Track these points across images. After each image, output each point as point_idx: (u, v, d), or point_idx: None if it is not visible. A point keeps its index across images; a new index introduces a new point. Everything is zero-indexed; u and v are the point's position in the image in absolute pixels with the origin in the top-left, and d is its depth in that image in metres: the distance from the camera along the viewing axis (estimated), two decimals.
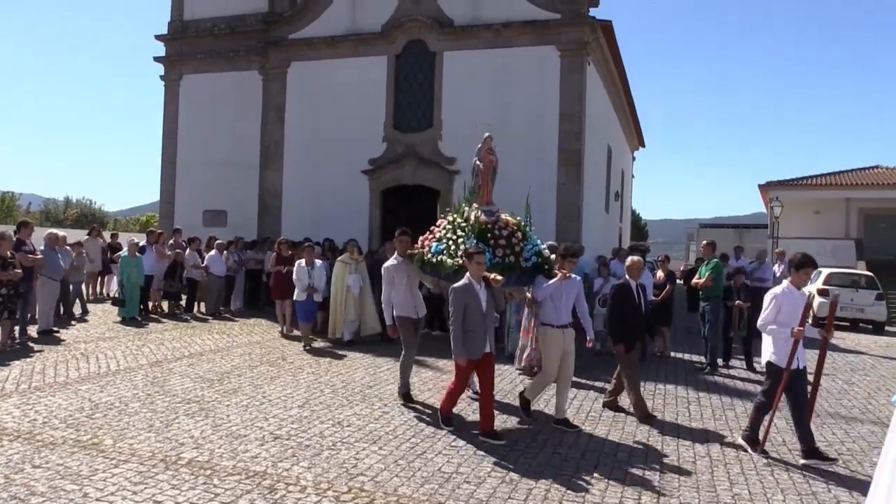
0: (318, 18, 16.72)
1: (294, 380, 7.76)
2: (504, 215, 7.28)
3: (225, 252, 13.63)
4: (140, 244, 13.10)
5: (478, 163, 7.50)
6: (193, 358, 8.85)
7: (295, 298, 10.30)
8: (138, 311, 12.37)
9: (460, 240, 6.82)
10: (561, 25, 14.77)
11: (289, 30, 17.00)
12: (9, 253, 8.84)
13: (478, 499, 4.42)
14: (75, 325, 11.29)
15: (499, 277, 6.05)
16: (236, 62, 17.88)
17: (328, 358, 9.29)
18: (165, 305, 13.35)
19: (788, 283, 5.53)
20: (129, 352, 9.05)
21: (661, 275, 10.86)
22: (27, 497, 4.14)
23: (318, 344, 10.34)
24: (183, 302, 13.51)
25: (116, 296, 13.18)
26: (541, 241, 7.47)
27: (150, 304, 13.17)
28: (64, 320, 11.44)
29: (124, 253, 12.76)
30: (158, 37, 18.90)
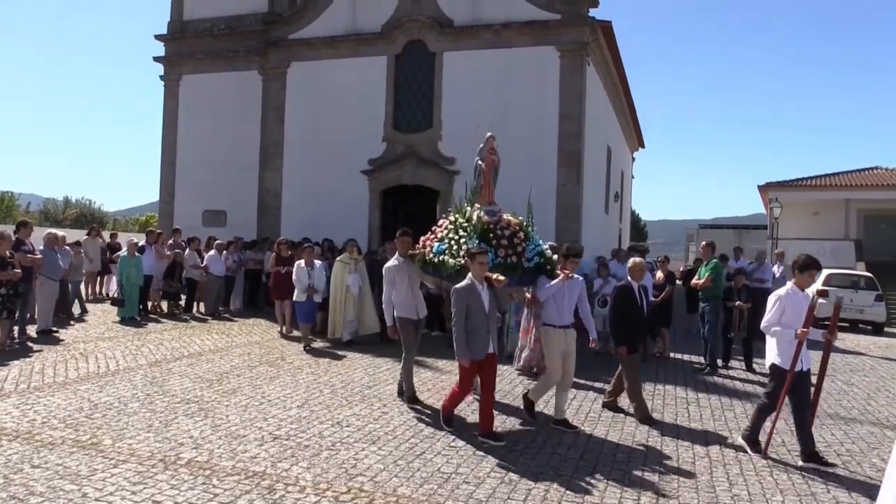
0: (318, 18, 16.73)
1: (293, 380, 7.76)
2: (506, 215, 7.27)
3: (224, 252, 13.63)
4: (139, 244, 13.09)
5: (480, 162, 7.49)
6: (193, 358, 8.84)
7: (295, 299, 10.30)
8: (137, 311, 12.38)
9: (462, 240, 6.79)
10: (561, 26, 14.78)
11: (288, 30, 17.00)
12: (8, 253, 8.84)
13: (477, 499, 4.42)
14: (74, 325, 11.29)
15: (501, 277, 6.03)
16: (236, 62, 17.88)
17: (327, 358, 9.29)
18: (165, 305, 13.35)
19: (792, 285, 5.50)
20: (129, 352, 9.05)
21: (660, 275, 10.86)
22: (26, 497, 4.14)
23: (318, 344, 10.34)
24: (182, 302, 13.51)
25: (116, 296, 13.19)
26: (542, 241, 7.45)
27: (150, 304, 13.17)
28: (63, 320, 11.44)
29: (123, 253, 12.75)
30: (158, 37, 18.90)
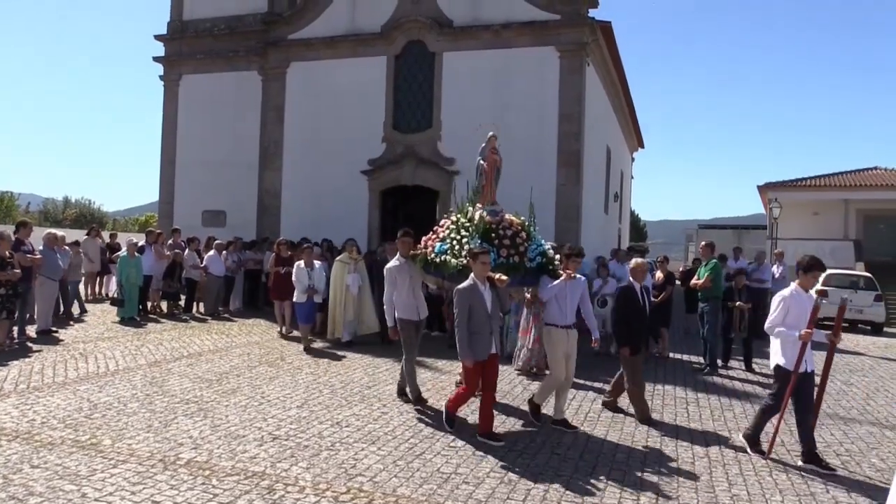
0: (318, 19, 16.74)
1: (293, 380, 7.76)
2: (508, 215, 7.26)
3: (224, 252, 13.63)
4: (139, 244, 13.09)
5: (482, 162, 7.48)
6: (192, 358, 8.84)
7: (295, 300, 10.28)
8: (137, 311, 12.37)
9: (464, 239, 6.78)
10: (560, 26, 14.79)
11: (288, 30, 17.01)
12: (7, 253, 8.84)
13: (476, 499, 4.42)
14: (74, 326, 11.28)
15: (503, 277, 6.02)
16: (235, 62, 17.88)
17: (327, 358, 9.29)
18: (164, 306, 13.35)
19: (796, 286, 5.47)
20: (128, 352, 9.05)
21: (660, 276, 10.87)
22: (25, 497, 4.14)
23: (317, 344, 10.33)
24: (182, 302, 13.51)
25: (115, 296, 13.18)
26: (545, 241, 7.44)
27: (149, 304, 13.16)
28: (62, 320, 11.44)
29: (123, 253, 12.75)
30: (158, 37, 18.91)
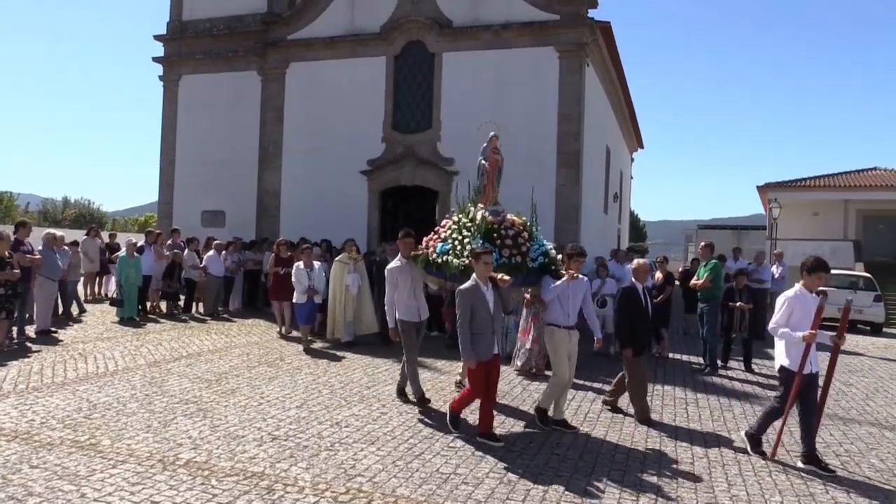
0: (317, 19, 16.75)
1: (292, 380, 7.75)
2: (510, 215, 7.24)
3: (223, 252, 13.62)
4: (138, 244, 13.08)
5: (483, 162, 7.47)
6: (191, 358, 8.84)
7: (295, 301, 10.27)
8: (136, 311, 12.37)
9: (466, 240, 6.77)
10: (560, 27, 14.80)
11: (287, 30, 17.02)
12: (7, 253, 8.83)
13: (476, 499, 4.42)
14: (73, 326, 11.28)
15: (506, 277, 5.99)
16: (235, 63, 17.89)
17: (326, 359, 9.29)
18: (164, 306, 13.34)
19: (801, 287, 5.44)
20: (127, 352, 9.05)
21: (659, 276, 10.87)
22: (24, 497, 4.13)
23: (317, 345, 10.33)
24: (181, 302, 13.50)
25: (115, 296, 13.17)
26: (546, 241, 7.42)
27: (149, 304, 13.16)
28: (62, 320, 11.43)
29: (122, 253, 12.74)
30: (157, 37, 18.91)
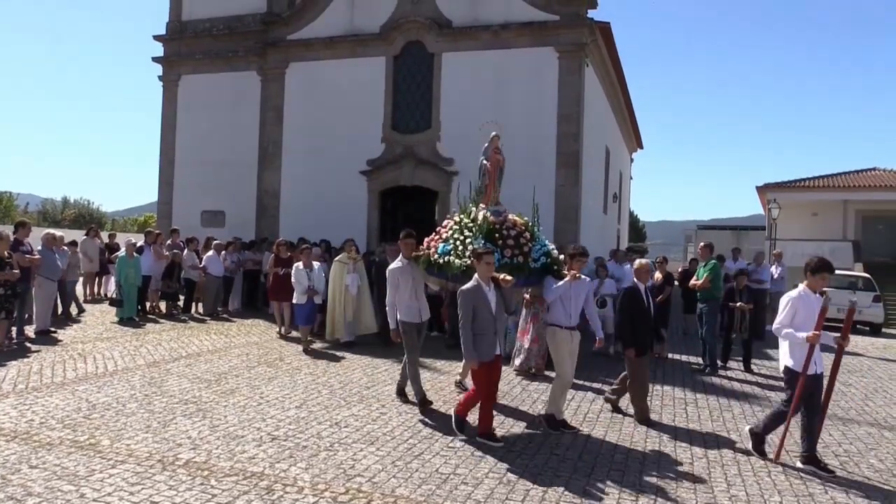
0: (317, 19, 16.75)
1: (292, 381, 7.75)
2: (511, 215, 7.23)
3: (223, 252, 13.62)
4: (138, 244, 13.07)
5: (485, 162, 7.46)
6: (191, 358, 8.84)
7: (295, 301, 10.25)
8: (136, 311, 12.36)
9: (468, 240, 6.75)
10: (559, 27, 14.80)
11: (287, 30, 17.01)
12: (6, 253, 8.84)
13: (475, 500, 4.42)
14: (72, 326, 11.27)
15: (509, 277, 5.98)
16: (234, 63, 17.88)
17: (326, 359, 9.28)
18: (163, 306, 13.34)
19: (804, 287, 5.43)
20: (127, 352, 9.04)
21: (658, 276, 10.87)
22: (24, 497, 4.13)
23: (316, 345, 10.32)
24: (181, 302, 13.51)
25: (114, 296, 13.17)
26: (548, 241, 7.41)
27: (148, 304, 13.15)
28: (61, 321, 11.43)
29: (122, 253, 12.73)
30: (157, 37, 18.90)
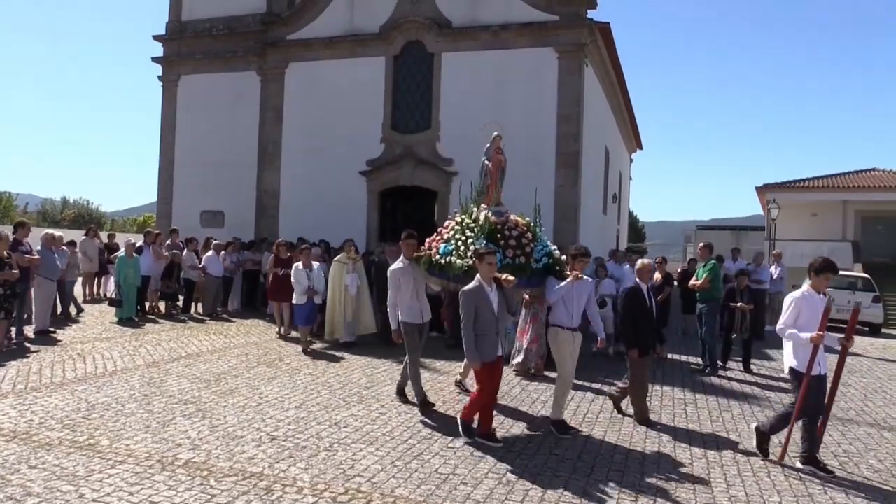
0: (317, 19, 16.76)
1: (291, 381, 7.75)
2: (513, 216, 7.21)
3: (222, 253, 13.61)
4: (137, 245, 13.07)
5: (487, 162, 7.45)
6: (190, 359, 8.83)
7: (294, 301, 10.25)
8: (135, 311, 12.36)
9: (469, 240, 6.73)
10: (559, 27, 14.80)
11: (287, 30, 17.01)
12: (5, 253, 8.83)
13: (474, 500, 4.42)
14: (72, 326, 11.26)
15: (511, 278, 5.95)
16: (234, 63, 17.88)
17: (325, 359, 9.28)
18: (162, 306, 13.34)
19: (808, 287, 5.42)
20: (126, 352, 9.04)
21: (658, 277, 10.86)
22: (23, 498, 4.13)
23: (316, 345, 10.32)
24: (180, 303, 13.50)
25: (113, 296, 13.16)
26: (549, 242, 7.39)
27: (147, 304, 13.14)
28: (60, 321, 11.42)
29: (121, 253, 12.73)
30: (156, 37, 18.90)
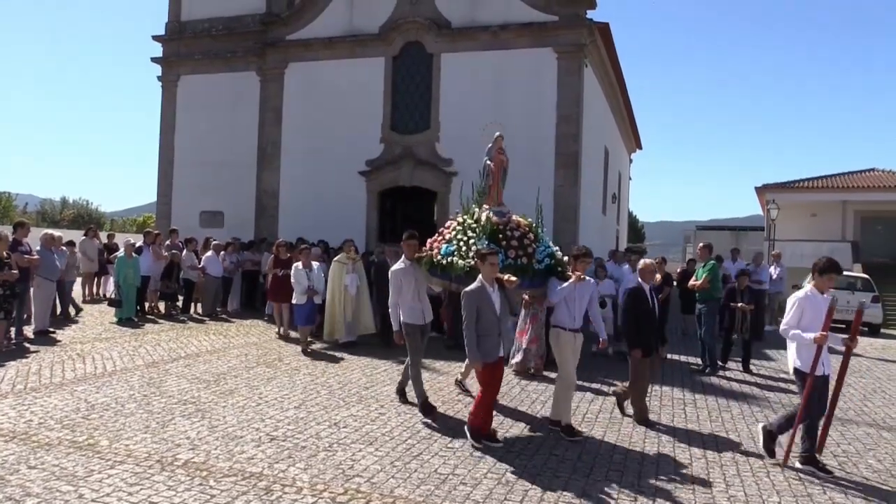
0: (316, 20, 16.76)
1: (290, 381, 7.75)
2: (515, 216, 7.20)
3: (222, 253, 13.61)
4: (137, 245, 13.06)
5: (489, 162, 7.45)
6: (190, 359, 8.83)
7: (294, 302, 10.24)
8: (135, 311, 12.35)
9: (471, 241, 6.71)
10: (558, 27, 14.81)
11: (286, 31, 17.02)
12: (5, 253, 8.83)
13: (474, 500, 4.42)
14: (71, 326, 11.26)
15: (513, 278, 5.94)
16: (233, 63, 17.88)
17: (325, 359, 9.28)
18: (162, 306, 13.33)
19: (812, 288, 5.42)
20: (126, 352, 9.04)
21: (657, 277, 10.86)
22: (23, 498, 4.13)
23: (316, 346, 10.32)
24: (179, 303, 13.50)
25: (113, 296, 13.16)
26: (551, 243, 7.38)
27: (147, 304, 13.14)
28: (60, 321, 11.42)
29: (121, 253, 12.73)
30: (156, 37, 18.89)
